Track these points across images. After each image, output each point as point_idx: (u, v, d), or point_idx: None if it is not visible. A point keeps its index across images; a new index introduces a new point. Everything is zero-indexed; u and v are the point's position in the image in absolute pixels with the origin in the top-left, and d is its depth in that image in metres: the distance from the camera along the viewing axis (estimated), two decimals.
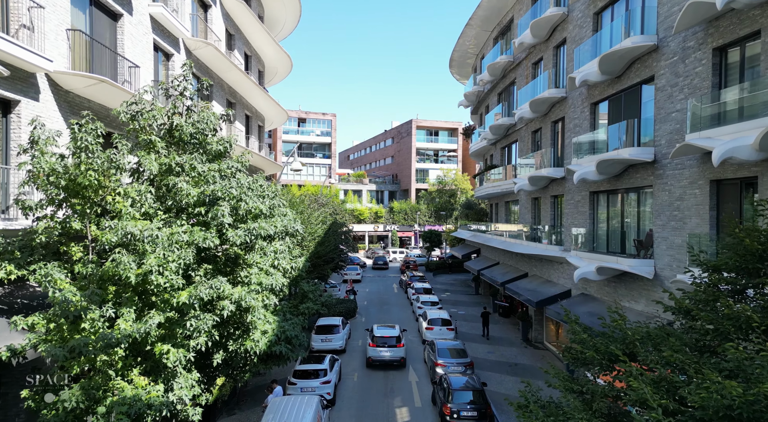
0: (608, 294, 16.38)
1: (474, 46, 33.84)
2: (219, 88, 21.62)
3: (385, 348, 20.15)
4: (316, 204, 31.26)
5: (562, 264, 20.08)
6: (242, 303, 8.35)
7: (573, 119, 19.16)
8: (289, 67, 31.72)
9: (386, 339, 20.44)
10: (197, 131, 9.27)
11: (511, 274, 25.70)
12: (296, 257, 18.95)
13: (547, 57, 21.82)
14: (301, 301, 16.58)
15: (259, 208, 9.12)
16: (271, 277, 9.45)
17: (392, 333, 20.73)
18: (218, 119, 10.04)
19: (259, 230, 8.79)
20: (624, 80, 15.54)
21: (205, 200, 8.69)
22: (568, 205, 19.46)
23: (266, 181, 12.66)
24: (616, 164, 15.03)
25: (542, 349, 22.80)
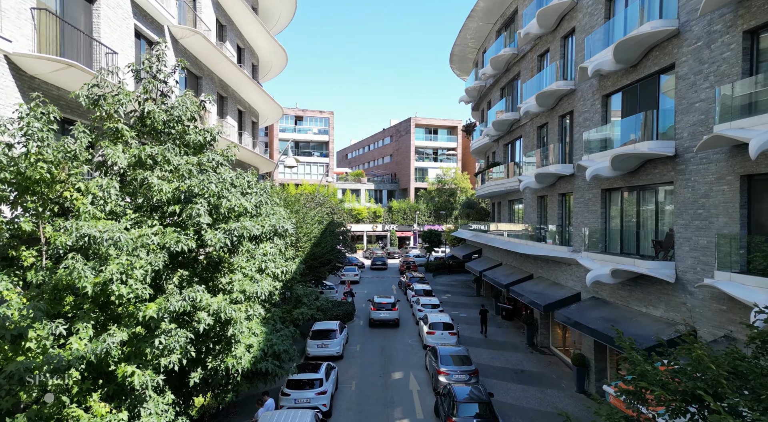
0: (622, 299, 15.36)
1: (475, 40, 32.80)
2: (209, 80, 20.53)
3: (383, 312, 26.90)
4: (312, 203, 30.16)
5: (571, 265, 19.06)
6: (222, 315, 7.29)
7: (582, 113, 18.13)
8: (285, 61, 30.64)
9: (384, 304, 27.19)
10: (171, 119, 8.18)
11: (515, 276, 24.67)
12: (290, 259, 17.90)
13: (554, 48, 20.78)
14: (295, 306, 15.55)
15: (242, 205, 8.06)
16: (256, 284, 8.38)
17: (388, 301, 27.44)
18: (197, 105, 8.96)
19: (242, 230, 7.73)
20: (640, 69, 14.50)
21: (180, 197, 7.63)
22: (578, 204, 18.43)
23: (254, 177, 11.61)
24: (633, 159, 14.00)
25: (549, 354, 21.78)
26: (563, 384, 18.11)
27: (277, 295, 11.62)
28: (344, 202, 63.86)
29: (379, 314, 26.80)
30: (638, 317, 14.12)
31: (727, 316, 11.10)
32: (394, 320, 26.76)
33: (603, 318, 15.03)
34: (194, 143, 8.66)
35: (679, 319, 12.67)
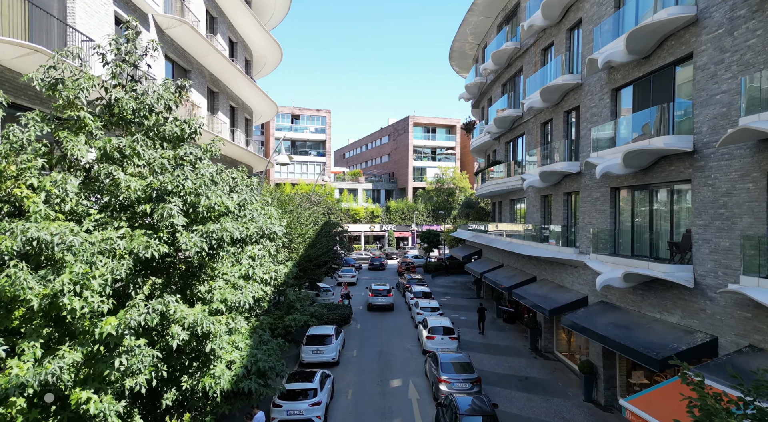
0: (634, 303, 14.51)
1: (475, 36, 31.94)
2: (199, 74, 19.61)
3: (380, 297, 30.95)
4: (307, 202, 29.24)
5: (577, 268, 18.22)
6: (198, 329, 6.40)
7: (590, 108, 17.28)
8: (279, 57, 29.73)
9: (380, 291, 31.32)
10: (142, 107, 7.27)
11: (517, 278, 23.82)
12: (283, 262, 16.98)
13: (559, 41, 19.93)
14: (287, 312, 14.64)
15: (223, 204, 7.16)
16: (239, 292, 7.48)
17: (384, 288, 31.64)
18: (172, 92, 8.04)
19: (221, 233, 6.83)
20: (654, 60, 13.65)
21: (151, 195, 6.74)
22: (585, 203, 17.58)
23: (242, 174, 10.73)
24: (647, 156, 13.15)
25: (553, 360, 20.94)
26: (570, 392, 17.27)
27: (266, 303, 10.71)
28: (341, 201, 62.95)
29: (376, 299, 30.98)
30: (652, 323, 13.27)
31: (753, 324, 10.27)
32: (389, 304, 31.05)
33: (614, 324, 14.19)
34: (171, 135, 7.76)
35: (698, 327, 11.84)
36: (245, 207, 7.87)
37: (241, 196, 7.74)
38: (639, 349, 12.07)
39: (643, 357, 11.85)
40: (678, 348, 11.46)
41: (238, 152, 23.24)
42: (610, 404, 16.03)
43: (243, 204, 7.70)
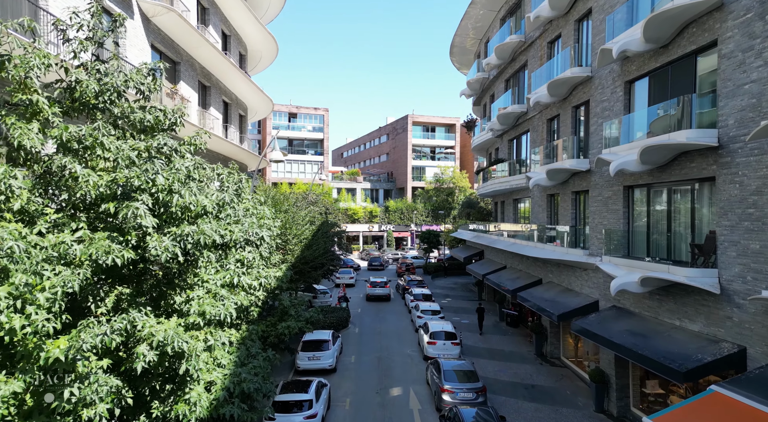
0: (650, 309, 13.62)
1: (477, 30, 31.04)
2: (189, 67, 18.65)
3: (377, 288, 33.85)
4: (304, 202, 28.30)
5: (587, 270, 17.33)
6: (168, 349, 5.48)
7: (601, 102, 16.40)
8: (275, 51, 28.77)
9: (378, 283, 34.23)
10: (105, 90, 6.33)
11: (522, 280, 22.93)
12: (276, 265, 16.04)
13: (566, 33, 19.04)
14: (281, 319, 13.73)
15: (200, 203, 6.24)
16: (221, 303, 6.57)
17: (381, 280, 34.66)
18: (144, 75, 7.10)
19: (198, 236, 5.90)
20: (673, 49, 12.76)
21: (116, 192, 5.82)
22: (595, 202, 16.70)
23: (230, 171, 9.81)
24: (666, 151, 12.26)
25: (560, 366, 20.05)
26: (579, 401, 16.38)
27: (256, 311, 9.79)
28: (339, 201, 62.00)
29: (374, 290, 33.88)
30: (671, 331, 12.39)
31: None
32: (386, 295, 33.94)
33: (629, 331, 13.30)
34: (144, 125, 6.83)
35: (723, 336, 10.96)
36: (226, 207, 6.92)
37: (221, 194, 6.79)
38: (660, 360, 11.19)
39: (664, 368, 10.96)
40: (703, 359, 10.58)
41: (232, 149, 22.30)
42: (623, 415, 15.15)
43: (223, 203, 6.75)
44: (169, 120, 8.08)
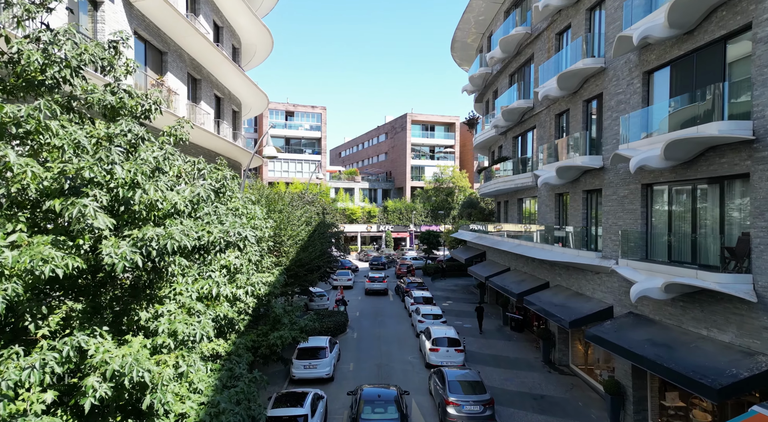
0: (673, 317, 12.61)
1: (479, 24, 30.03)
2: (177, 58, 17.56)
3: (376, 283, 36.07)
4: (300, 201, 27.20)
5: (599, 274, 16.32)
6: (125, 380, 4.43)
7: (615, 94, 15.39)
8: (270, 45, 27.69)
9: (376, 278, 36.47)
10: (52, 62, 5.25)
11: (527, 283, 21.91)
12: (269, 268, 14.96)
13: (577, 22, 18.03)
14: (273, 327, 12.69)
15: (170, 200, 5.18)
16: (196, 320, 5.52)
17: (380, 275, 37.09)
18: (104, 48, 6.02)
19: (164, 240, 4.84)
20: (698, 36, 11.76)
21: (63, 186, 4.77)
22: (610, 202, 15.69)
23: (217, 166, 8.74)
24: (693, 146, 11.25)
25: (570, 375, 19.03)
26: (593, 414, 15.36)
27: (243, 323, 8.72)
28: (337, 201, 60.91)
29: (373, 285, 35.90)
30: (698, 342, 11.37)
31: None
32: (384, 290, 36.03)
33: (650, 341, 12.28)
34: (102, 106, 5.78)
35: (759, 348, 9.94)
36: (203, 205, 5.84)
37: (196, 189, 5.72)
38: (689, 375, 10.17)
39: (695, 384, 9.95)
40: (738, 374, 9.56)
41: (224, 146, 21.20)
42: None
43: (198, 200, 5.68)
44: (140, 105, 7.01)
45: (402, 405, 13.51)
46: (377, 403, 13.34)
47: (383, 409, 13.03)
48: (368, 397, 13.61)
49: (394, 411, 12.97)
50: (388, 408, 13.04)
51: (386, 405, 13.18)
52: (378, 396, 13.66)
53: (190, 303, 5.77)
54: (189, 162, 8.19)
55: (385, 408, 13.08)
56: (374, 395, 13.76)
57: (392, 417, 12.83)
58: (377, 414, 12.90)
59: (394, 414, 12.91)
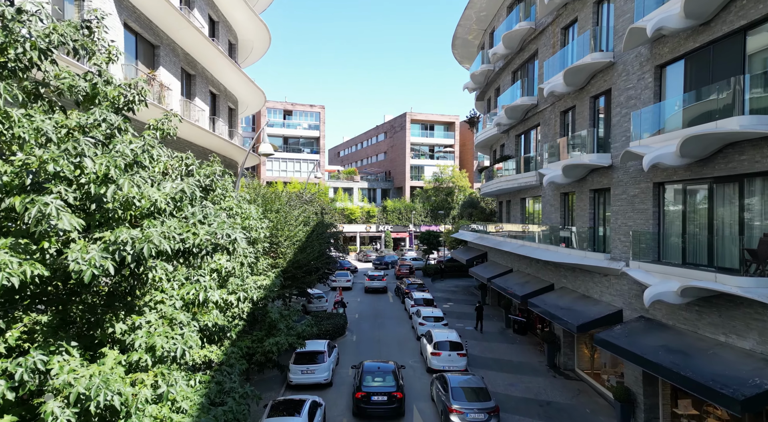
0: (688, 322, 12.04)
1: (481, 21, 29.47)
2: (170, 52, 16.94)
3: (375, 281, 36.99)
4: (298, 200, 26.58)
5: (607, 276, 15.76)
6: (92, 404, 3.83)
7: (625, 90, 14.82)
8: (267, 41, 27.10)
9: (375, 276, 37.47)
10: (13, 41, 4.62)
11: (531, 285, 21.34)
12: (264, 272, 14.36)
13: (584, 16, 17.46)
14: (269, 333, 12.09)
15: (149, 198, 4.59)
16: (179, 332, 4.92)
17: (379, 274, 37.86)
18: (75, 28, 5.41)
19: (141, 244, 4.23)
20: (716, 26, 11.19)
21: (24, 182, 4.17)
22: (619, 201, 15.12)
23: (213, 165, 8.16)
24: (711, 142, 10.68)
25: (575, 379, 18.46)
26: (601, 421, 14.79)
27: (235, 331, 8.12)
28: (336, 201, 60.29)
29: (372, 283, 36.81)
30: (716, 348, 10.81)
31: None
32: (383, 288, 37.01)
33: (664, 347, 11.71)
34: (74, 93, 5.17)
35: None
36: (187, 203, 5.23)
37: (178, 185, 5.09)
38: (708, 384, 9.61)
39: (715, 394, 9.38)
40: (763, 384, 9.00)
41: (220, 144, 20.61)
42: None
43: (181, 197, 5.05)
44: (123, 96, 6.42)
45: (398, 376, 15.70)
46: (377, 374, 15.57)
47: (382, 378, 15.30)
48: (369, 369, 15.87)
49: (391, 380, 15.26)
50: (386, 378, 15.34)
51: (384, 375, 15.48)
52: (378, 368, 15.95)
53: (172, 313, 5.17)
54: (176, 157, 7.60)
55: (384, 377, 15.36)
56: (374, 367, 16.03)
57: (390, 384, 15.05)
58: (377, 383, 15.11)
59: (391, 382, 15.16)
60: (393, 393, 14.67)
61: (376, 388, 14.79)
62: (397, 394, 14.74)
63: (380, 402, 14.58)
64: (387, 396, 14.63)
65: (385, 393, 14.67)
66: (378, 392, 14.67)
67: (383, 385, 14.94)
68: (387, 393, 14.67)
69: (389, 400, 14.61)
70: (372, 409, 14.63)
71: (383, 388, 14.77)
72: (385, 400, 14.61)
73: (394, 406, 14.65)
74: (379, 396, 14.63)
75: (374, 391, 14.71)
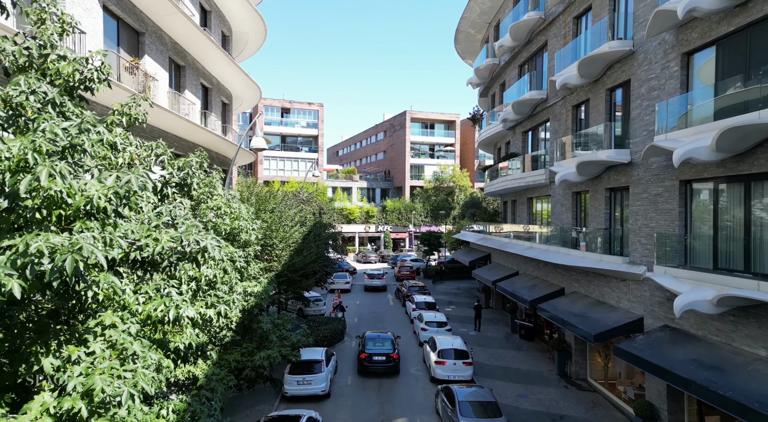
0: (721, 333, 10.95)
1: (484, 13, 28.38)
2: (156, 40, 15.81)
3: (375, 280, 36.97)
4: (295, 199, 25.43)
5: (626, 281, 14.68)
6: None
7: (647, 80, 13.73)
8: (263, 34, 25.95)
9: (375, 275, 37.46)
10: None
11: (540, 289, 20.25)
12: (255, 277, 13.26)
13: (599, 4, 16.38)
14: (260, 345, 10.98)
15: (83, 192, 3.46)
16: (132, 368, 3.81)
17: (378, 272, 37.97)
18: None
19: (63, 256, 3.07)
20: (754, 7, 10.11)
21: None
22: (639, 201, 14.04)
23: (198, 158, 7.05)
24: (753, 134, 9.59)
25: (589, 390, 17.37)
26: None
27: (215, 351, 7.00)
28: (335, 200, 59.14)
29: (372, 282, 37.01)
30: (756, 364, 9.72)
31: None
32: (382, 286, 37.24)
33: (696, 362, 10.62)
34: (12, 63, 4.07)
35: None
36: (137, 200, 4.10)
37: (124, 176, 3.94)
38: (754, 406, 8.53)
39: (764, 419, 8.28)
40: None
41: (212, 140, 19.47)
42: None
43: (128, 192, 3.89)
44: (78, 72, 5.31)
45: (395, 343, 19.22)
46: (377, 340, 19.08)
47: (381, 344, 18.85)
48: (371, 337, 19.40)
49: (389, 345, 18.81)
50: (385, 343, 18.92)
51: (383, 342, 19.02)
52: (378, 336, 19.47)
53: (123, 341, 4.05)
54: (145, 146, 6.47)
55: (383, 343, 18.93)
56: (375, 336, 19.51)
57: (388, 348, 18.59)
58: (377, 347, 18.63)
59: (389, 346, 18.72)
60: (390, 355, 18.27)
61: (376, 351, 18.36)
62: (393, 355, 18.29)
63: (380, 361, 18.20)
64: (385, 356, 18.20)
65: (384, 354, 18.23)
66: (378, 353, 18.25)
67: (383, 349, 18.48)
68: (386, 354, 18.24)
69: (387, 360, 18.20)
70: (373, 366, 18.15)
71: (383, 351, 18.36)
72: (384, 360, 18.19)
73: (391, 364, 18.19)
74: (379, 356, 18.22)
75: (375, 353, 18.26)
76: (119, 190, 3.67)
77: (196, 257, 4.33)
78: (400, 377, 18.63)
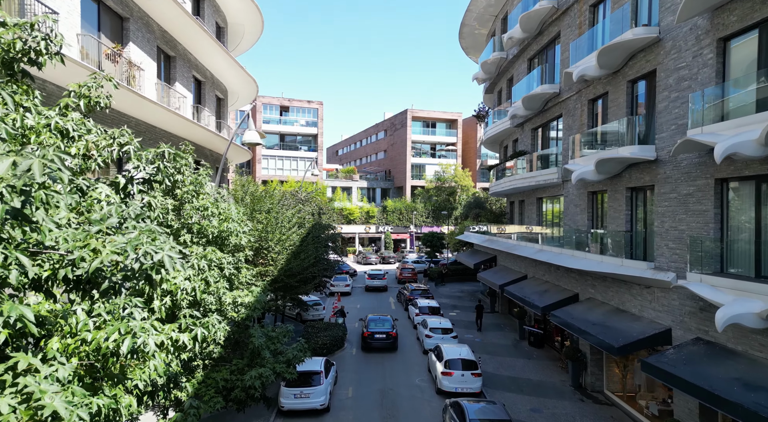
0: (765, 348, 9.81)
1: (490, 6, 27.24)
2: (142, 26, 14.66)
3: (376, 280, 37.12)
4: (292, 199, 24.26)
5: (650, 288, 13.55)
6: None
7: (675, 70, 12.60)
8: (260, 26, 24.82)
9: (376, 275, 37.54)
10: None
11: (552, 295, 19.12)
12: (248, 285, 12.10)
13: None
14: (251, 363, 9.83)
15: None
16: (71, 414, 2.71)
17: (379, 272, 37.98)
18: None
19: None
20: None
21: None
22: (666, 201, 12.90)
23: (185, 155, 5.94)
24: None
25: (606, 404, 16.24)
26: None
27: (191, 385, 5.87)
28: (334, 200, 57.99)
29: (373, 282, 37.18)
30: None
31: None
32: (383, 286, 37.24)
33: (740, 381, 9.47)
34: None
35: None
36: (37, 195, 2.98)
37: (24, 161, 2.79)
38: None
39: None
40: None
41: (205, 136, 18.35)
42: None
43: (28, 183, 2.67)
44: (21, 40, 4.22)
45: (394, 324, 22.32)
46: (378, 321, 22.20)
47: (382, 324, 21.92)
48: (372, 319, 22.48)
49: (389, 325, 21.90)
50: (385, 324, 21.99)
51: (384, 322, 22.13)
52: (379, 318, 22.51)
53: (41, 393, 2.90)
54: (105, 135, 5.32)
55: (383, 324, 21.99)
56: (377, 318, 22.55)
57: (387, 327, 21.66)
58: (378, 327, 21.66)
59: (389, 325, 21.83)
60: (390, 333, 21.40)
61: (378, 330, 21.45)
62: (392, 333, 21.45)
63: (381, 338, 21.29)
64: (386, 334, 21.32)
65: (384, 332, 21.34)
66: (379, 332, 21.33)
67: (383, 328, 21.58)
68: (386, 332, 21.35)
69: (387, 337, 21.34)
70: (376, 343, 21.26)
71: (383, 329, 21.48)
72: (384, 337, 21.31)
73: (391, 341, 21.36)
74: (380, 334, 21.30)
75: (377, 331, 21.35)
76: (15, 183, 2.53)
77: (150, 275, 3.22)
78: (404, 389, 17.50)
